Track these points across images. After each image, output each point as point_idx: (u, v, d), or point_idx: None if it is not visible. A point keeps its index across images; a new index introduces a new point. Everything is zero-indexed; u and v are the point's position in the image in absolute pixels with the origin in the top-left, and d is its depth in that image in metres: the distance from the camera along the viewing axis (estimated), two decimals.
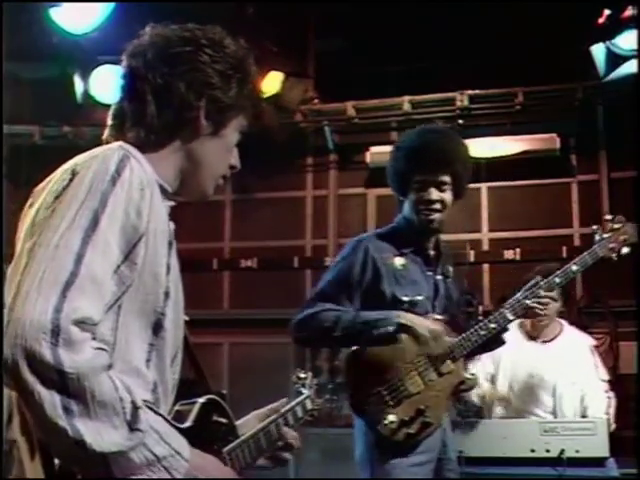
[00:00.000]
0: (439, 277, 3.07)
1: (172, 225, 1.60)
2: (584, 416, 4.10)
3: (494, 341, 3.09)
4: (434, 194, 3.00)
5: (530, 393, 4.23)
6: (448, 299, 3.08)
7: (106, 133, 1.63)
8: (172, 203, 1.63)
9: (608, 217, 3.28)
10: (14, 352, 1.24)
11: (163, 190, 1.58)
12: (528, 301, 3.04)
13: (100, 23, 5.11)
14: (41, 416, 1.27)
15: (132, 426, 1.32)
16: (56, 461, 1.36)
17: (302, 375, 2.21)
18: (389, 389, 2.86)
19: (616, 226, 3.24)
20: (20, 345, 1.24)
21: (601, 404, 4.17)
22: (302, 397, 2.10)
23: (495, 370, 4.28)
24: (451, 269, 3.13)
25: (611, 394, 4.28)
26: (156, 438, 1.36)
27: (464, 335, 2.96)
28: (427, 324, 2.87)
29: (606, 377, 4.34)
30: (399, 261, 2.99)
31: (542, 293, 3.07)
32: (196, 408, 1.60)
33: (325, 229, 6.93)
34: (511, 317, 3.04)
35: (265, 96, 6.17)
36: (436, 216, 3.02)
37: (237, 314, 6.92)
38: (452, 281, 3.13)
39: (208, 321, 6.36)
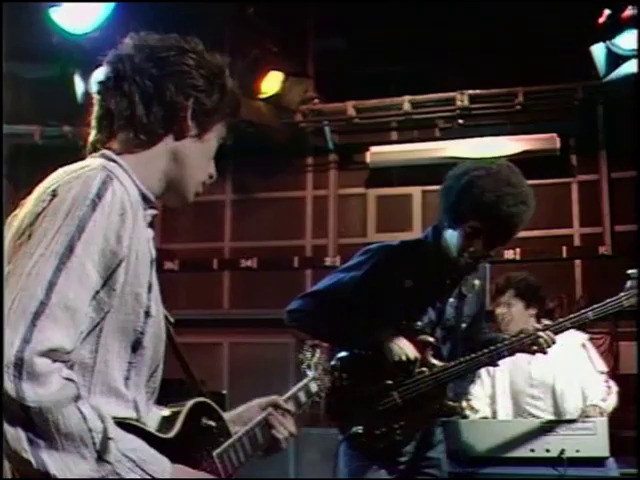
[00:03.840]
0: (452, 300, 3.02)
1: (151, 233, 1.61)
2: (584, 407, 4.10)
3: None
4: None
5: (532, 399, 4.26)
6: (457, 320, 3.03)
7: (93, 136, 1.63)
8: (155, 212, 1.64)
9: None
10: None
11: (147, 199, 1.59)
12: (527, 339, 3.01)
13: (100, 23, 5.10)
14: (7, 448, 1.28)
15: (102, 456, 1.32)
16: None
17: (307, 354, 2.12)
18: (367, 402, 2.89)
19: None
20: None
21: (598, 392, 4.17)
22: (304, 381, 2.02)
23: (492, 386, 4.30)
24: (477, 283, 3.08)
25: (612, 383, 4.29)
26: (130, 466, 1.36)
27: (452, 364, 2.94)
28: (406, 353, 2.86)
29: (604, 368, 4.35)
30: (409, 283, 2.94)
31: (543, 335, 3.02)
32: (183, 414, 1.60)
33: (325, 229, 6.92)
34: (507, 354, 3.02)
35: (265, 96, 6.18)
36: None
37: (237, 314, 6.91)
38: (473, 296, 3.08)
39: (208, 321, 6.36)
